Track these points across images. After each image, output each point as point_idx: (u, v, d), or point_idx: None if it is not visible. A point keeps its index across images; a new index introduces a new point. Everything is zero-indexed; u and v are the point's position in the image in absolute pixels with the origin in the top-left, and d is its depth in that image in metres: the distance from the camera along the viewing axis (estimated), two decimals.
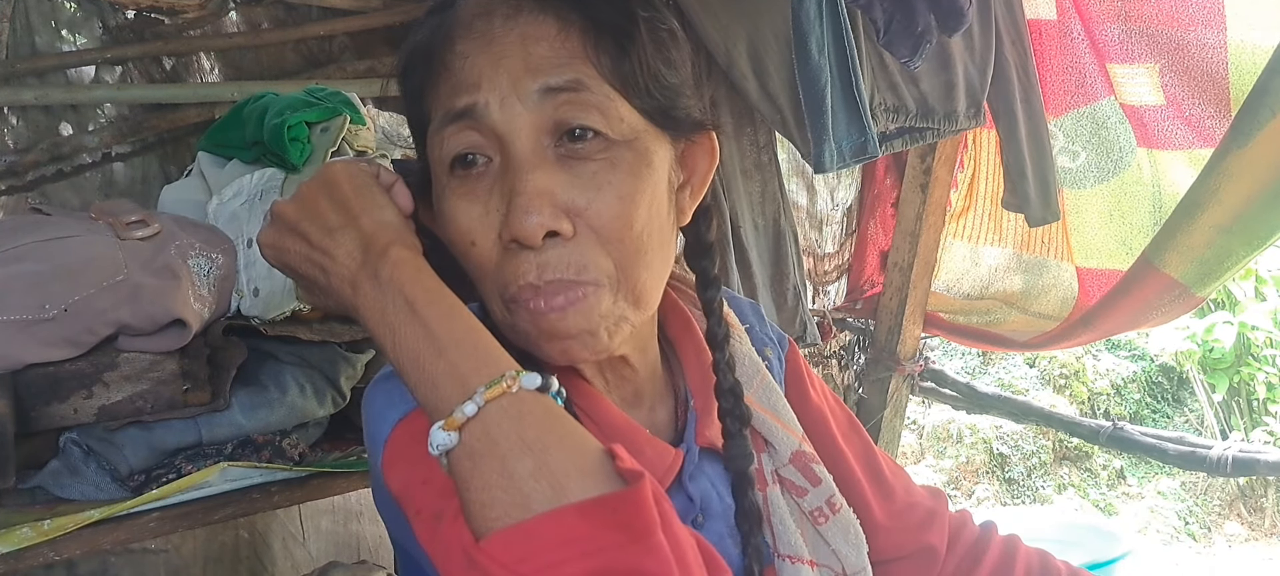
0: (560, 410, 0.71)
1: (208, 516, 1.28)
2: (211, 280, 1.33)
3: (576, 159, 0.78)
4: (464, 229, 0.79)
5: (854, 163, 1.82)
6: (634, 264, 0.79)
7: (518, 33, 0.78)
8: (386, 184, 0.83)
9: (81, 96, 1.74)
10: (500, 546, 0.63)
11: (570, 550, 0.62)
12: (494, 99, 0.77)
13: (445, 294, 0.75)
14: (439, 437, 0.68)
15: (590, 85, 0.78)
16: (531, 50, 0.78)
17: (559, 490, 0.65)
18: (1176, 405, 5.62)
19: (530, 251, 0.76)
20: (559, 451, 0.67)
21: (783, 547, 0.90)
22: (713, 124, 0.88)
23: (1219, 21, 2.09)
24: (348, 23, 1.98)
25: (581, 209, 0.77)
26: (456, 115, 0.78)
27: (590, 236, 0.77)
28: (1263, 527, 4.97)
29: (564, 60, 0.78)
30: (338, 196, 0.80)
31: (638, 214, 0.79)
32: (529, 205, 0.75)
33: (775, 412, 0.96)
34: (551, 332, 0.78)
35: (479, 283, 0.81)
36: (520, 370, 0.70)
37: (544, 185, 0.76)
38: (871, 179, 2.86)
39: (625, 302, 0.80)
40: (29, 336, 1.19)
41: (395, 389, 0.80)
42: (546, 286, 0.76)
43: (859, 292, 2.94)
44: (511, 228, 0.75)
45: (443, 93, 0.80)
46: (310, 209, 0.80)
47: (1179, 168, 2.32)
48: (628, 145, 0.79)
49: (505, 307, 0.79)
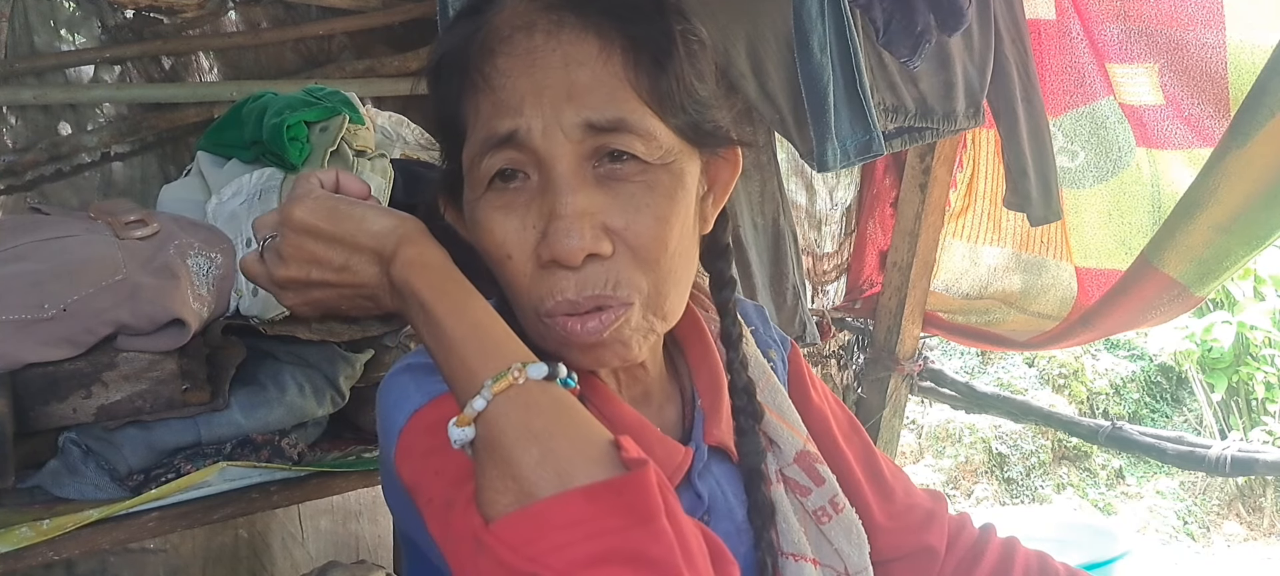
0: (568, 399, 0.72)
1: (207, 516, 1.28)
2: (210, 279, 1.33)
3: (615, 179, 0.79)
4: (500, 242, 0.80)
5: (858, 161, 1.82)
6: (666, 281, 0.82)
7: (560, 54, 0.79)
8: (329, 186, 0.83)
9: (80, 96, 1.73)
10: (508, 529, 0.64)
11: (576, 532, 0.63)
12: (536, 125, 0.78)
13: (454, 287, 0.76)
14: (454, 433, 0.70)
15: (631, 120, 0.79)
16: (574, 76, 0.78)
17: (565, 477, 0.66)
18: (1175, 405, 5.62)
19: (568, 270, 0.78)
20: (565, 439, 0.68)
21: (787, 546, 0.91)
22: (741, 139, 0.90)
23: (1218, 21, 2.09)
24: (347, 22, 1.98)
25: (620, 229, 0.79)
26: (500, 140, 0.79)
27: (627, 255, 0.79)
28: (1261, 527, 4.98)
29: (606, 90, 0.78)
30: (323, 237, 0.79)
31: (672, 234, 0.81)
32: (570, 228, 0.76)
33: (780, 413, 0.97)
34: (584, 345, 0.80)
35: (512, 294, 0.83)
36: (528, 360, 0.71)
37: (584, 206, 0.77)
38: (870, 178, 2.86)
39: (654, 315, 0.82)
40: (28, 336, 1.19)
41: (410, 381, 0.81)
42: (584, 300, 0.78)
43: (858, 292, 2.94)
44: (552, 248, 0.77)
45: (484, 110, 0.81)
46: (309, 260, 0.80)
47: (1178, 167, 2.32)
48: (665, 168, 0.81)
49: (539, 320, 0.81)
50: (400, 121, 1.75)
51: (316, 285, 0.80)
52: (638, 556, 0.63)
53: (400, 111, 1.81)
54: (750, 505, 0.90)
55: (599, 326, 0.79)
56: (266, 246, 0.82)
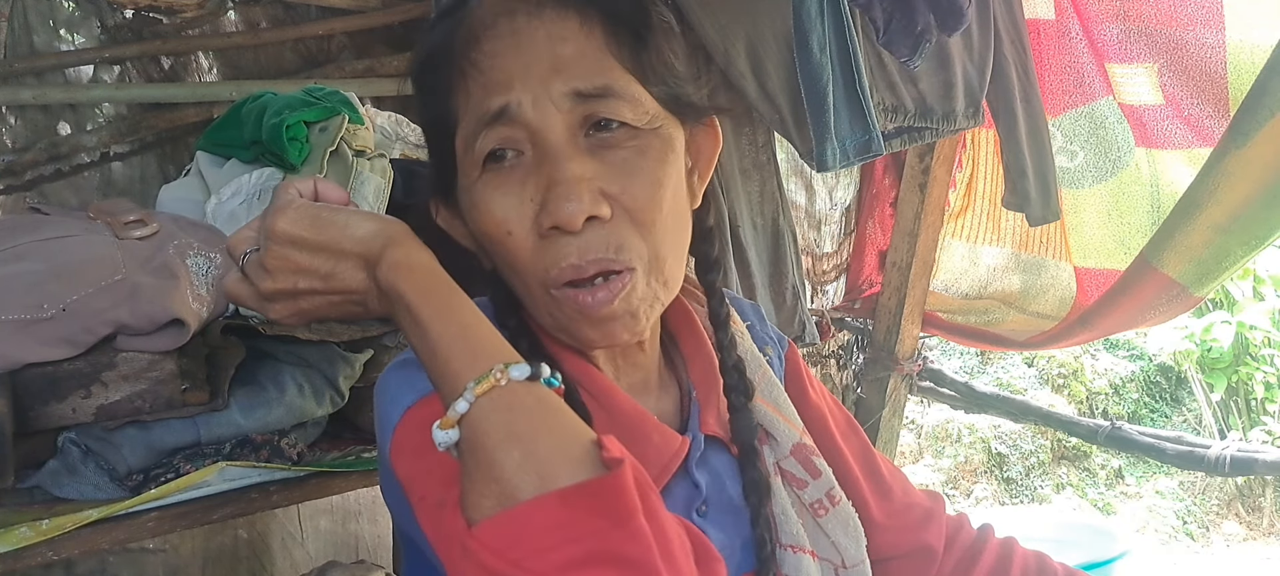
0: (551, 399, 0.72)
1: (206, 516, 1.28)
2: (210, 279, 1.33)
3: (606, 147, 0.82)
4: (499, 220, 0.82)
5: (858, 161, 1.82)
6: (663, 245, 0.84)
7: (544, 32, 0.82)
8: (308, 194, 0.82)
9: (80, 96, 1.73)
10: (490, 532, 0.65)
11: (555, 536, 0.64)
12: (526, 98, 0.81)
13: (439, 288, 0.76)
14: (438, 436, 0.71)
15: (617, 87, 0.82)
16: (558, 50, 0.81)
17: (545, 478, 0.66)
18: (1174, 404, 5.62)
19: (570, 236, 0.80)
20: (547, 440, 0.69)
21: (784, 537, 0.91)
22: (714, 108, 0.92)
23: (1218, 21, 2.09)
24: (346, 22, 1.98)
25: (616, 194, 0.81)
26: (492, 116, 0.81)
27: (625, 219, 0.82)
28: (1260, 527, 4.98)
29: (591, 60, 0.82)
30: (308, 246, 0.78)
31: (666, 196, 0.83)
32: (569, 192, 0.79)
33: (777, 406, 0.98)
34: (596, 318, 0.82)
35: (514, 272, 0.84)
36: (510, 361, 0.71)
37: (581, 172, 0.80)
38: (870, 178, 2.86)
39: (657, 283, 0.84)
40: (27, 336, 1.19)
41: (406, 377, 0.82)
42: (588, 264, 0.80)
43: (857, 292, 2.94)
44: (553, 214, 0.79)
45: (474, 93, 0.83)
46: (295, 270, 0.78)
47: (1177, 167, 2.32)
48: (654, 133, 0.84)
49: (546, 294, 0.83)
50: (399, 121, 1.75)
51: (304, 294, 0.79)
52: (616, 558, 0.64)
53: (399, 111, 1.81)
54: (745, 482, 0.91)
55: (608, 296, 0.81)
56: (247, 262, 0.81)
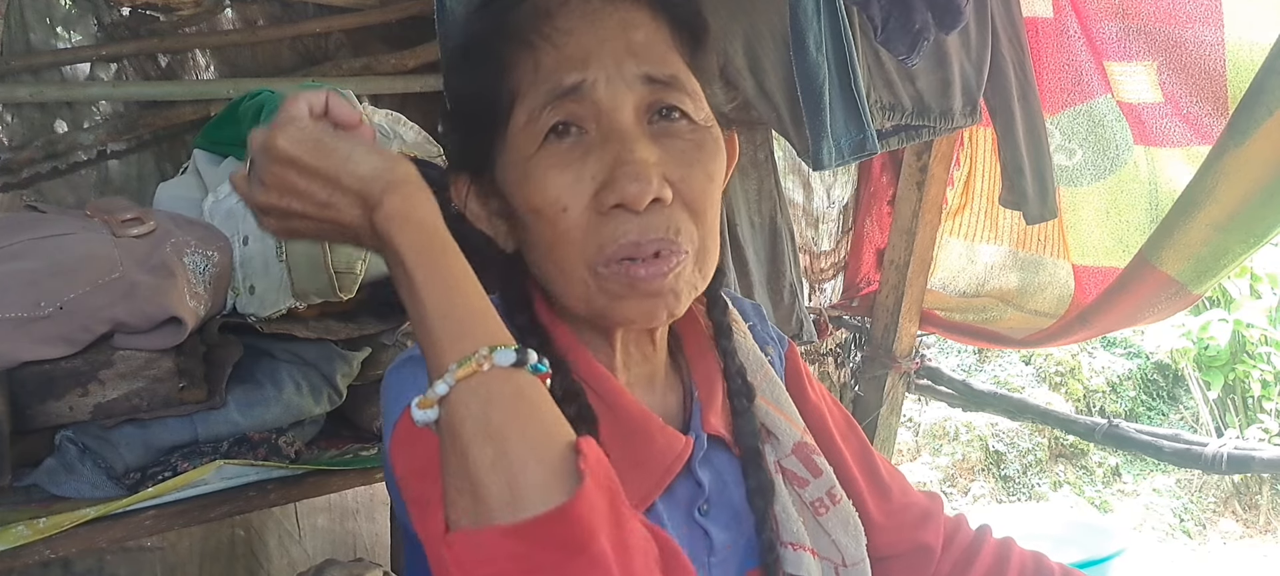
0: (532, 390, 0.70)
1: (204, 514, 1.28)
2: (207, 277, 1.33)
3: (668, 135, 0.85)
4: (555, 196, 0.83)
5: (853, 160, 1.82)
6: (709, 238, 0.87)
7: (618, 17, 0.86)
8: (318, 110, 0.77)
9: (77, 93, 1.73)
10: (459, 545, 0.66)
11: (516, 565, 0.64)
12: (601, 77, 0.84)
13: (437, 249, 0.74)
14: (417, 414, 0.69)
15: (682, 79, 0.86)
16: (632, 36, 0.85)
17: (514, 492, 0.65)
18: (1172, 402, 5.63)
19: (633, 215, 0.82)
20: (521, 442, 0.67)
21: (785, 535, 0.92)
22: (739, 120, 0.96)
23: (1217, 19, 2.09)
24: (343, 20, 1.98)
25: (676, 181, 0.84)
26: (564, 91, 0.83)
27: (682, 206, 0.84)
28: (1257, 525, 4.98)
29: (661, 50, 0.86)
30: (305, 171, 0.74)
31: (716, 193, 0.88)
32: (637, 172, 0.81)
33: (778, 405, 0.98)
34: (646, 292, 0.83)
35: (556, 249, 0.84)
36: (496, 345, 0.69)
37: (649, 155, 0.82)
38: (868, 176, 2.86)
39: (699, 272, 0.87)
40: (24, 334, 1.19)
41: (409, 374, 0.82)
42: (647, 242, 0.82)
43: (855, 290, 2.94)
44: (619, 193, 0.81)
45: (545, 65, 0.84)
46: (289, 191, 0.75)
47: (1176, 165, 2.32)
48: (708, 131, 0.88)
49: (590, 272, 0.84)
50: (397, 119, 1.75)
51: (296, 216, 0.76)
52: None
53: (397, 109, 1.81)
54: (751, 487, 0.92)
55: (663, 269, 0.83)
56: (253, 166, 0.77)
